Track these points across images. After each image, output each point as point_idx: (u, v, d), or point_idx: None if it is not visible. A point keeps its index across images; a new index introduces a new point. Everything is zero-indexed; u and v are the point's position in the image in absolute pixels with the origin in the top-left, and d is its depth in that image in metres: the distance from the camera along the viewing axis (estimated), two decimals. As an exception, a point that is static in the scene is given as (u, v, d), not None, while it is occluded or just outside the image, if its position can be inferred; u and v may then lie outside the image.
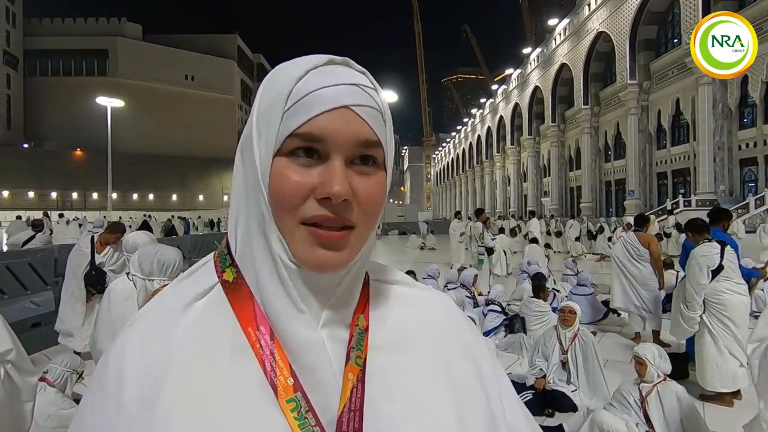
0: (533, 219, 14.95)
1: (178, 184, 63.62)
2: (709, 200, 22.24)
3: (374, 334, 0.44)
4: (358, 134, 0.39)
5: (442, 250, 15.23)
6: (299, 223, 0.39)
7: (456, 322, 0.50)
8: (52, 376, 2.49)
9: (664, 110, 28.14)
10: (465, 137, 69.56)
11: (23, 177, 55.18)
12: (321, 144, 0.39)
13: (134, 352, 0.40)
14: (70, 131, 61.08)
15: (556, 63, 38.91)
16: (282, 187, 0.39)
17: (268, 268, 0.40)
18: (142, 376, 0.39)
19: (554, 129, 40.34)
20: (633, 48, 29.27)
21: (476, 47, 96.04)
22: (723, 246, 3.30)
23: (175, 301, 0.43)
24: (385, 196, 0.43)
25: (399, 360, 0.44)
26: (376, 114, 0.41)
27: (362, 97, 0.40)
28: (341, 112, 0.39)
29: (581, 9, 34.92)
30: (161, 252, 2.01)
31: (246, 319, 0.41)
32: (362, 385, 0.40)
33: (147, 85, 65.35)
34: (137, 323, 0.43)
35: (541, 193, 44.79)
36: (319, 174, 0.38)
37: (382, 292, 0.48)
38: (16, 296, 4.62)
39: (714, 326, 3.27)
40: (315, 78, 0.39)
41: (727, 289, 3.26)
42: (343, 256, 0.40)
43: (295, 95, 0.39)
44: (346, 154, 0.39)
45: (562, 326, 3.41)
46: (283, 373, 0.39)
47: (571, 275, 7.16)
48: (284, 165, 0.39)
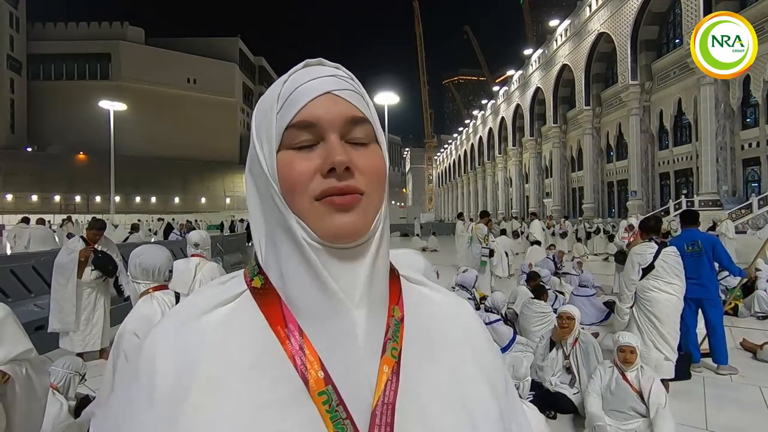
0: (535, 220, 14.90)
1: (181, 186, 63.73)
2: (712, 200, 22.17)
3: (408, 323, 0.45)
4: (345, 112, 0.43)
5: (444, 252, 15.22)
6: (313, 200, 0.41)
7: (473, 328, 0.52)
8: (56, 380, 2.51)
9: (666, 110, 28.06)
10: (466, 139, 69.53)
11: (27, 180, 55.43)
12: (315, 128, 0.42)
13: (165, 348, 0.42)
14: (73, 135, 61.36)
15: (558, 64, 38.88)
16: (290, 173, 0.42)
17: (295, 255, 0.42)
18: (173, 371, 0.40)
19: (556, 130, 40.28)
20: (634, 48, 29.23)
21: (477, 48, 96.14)
22: (661, 247, 3.50)
23: (205, 301, 0.44)
24: (385, 166, 0.46)
25: (428, 355, 0.45)
26: (357, 96, 0.45)
27: (342, 83, 0.44)
28: (327, 97, 0.43)
29: (582, 10, 34.90)
30: (144, 256, 1.95)
31: (274, 319, 0.42)
32: (396, 378, 0.41)
33: (149, 89, 65.61)
34: (167, 320, 0.45)
35: (543, 194, 44.70)
36: (320, 155, 0.42)
37: (410, 289, 0.50)
38: (20, 299, 4.64)
39: (640, 320, 3.53)
40: (297, 77, 0.44)
41: (654, 287, 3.48)
42: (358, 218, 0.42)
43: (284, 96, 0.43)
44: (339, 131, 0.43)
45: (562, 332, 3.41)
46: (313, 366, 0.40)
47: (573, 276, 7.16)
48: (288, 156, 0.42)
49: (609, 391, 2.77)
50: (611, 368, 2.85)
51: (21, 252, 8.29)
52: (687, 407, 3.22)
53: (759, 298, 5.73)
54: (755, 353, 4.22)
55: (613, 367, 2.83)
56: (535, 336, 4.37)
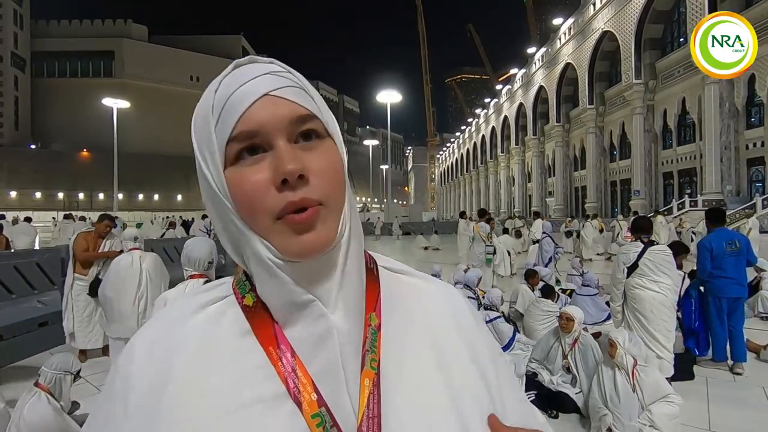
0: (537, 220, 14.84)
1: (183, 184, 63.94)
2: (715, 200, 22.06)
3: (385, 329, 0.44)
4: (288, 114, 0.40)
5: (446, 250, 15.22)
6: (274, 220, 0.39)
7: (458, 310, 0.50)
8: (45, 381, 2.43)
9: (670, 109, 27.95)
10: (469, 137, 69.45)
11: (31, 177, 55.73)
12: (259, 137, 0.39)
13: (141, 354, 0.41)
14: (76, 132, 61.62)
15: (561, 62, 38.76)
16: (243, 191, 0.39)
17: (266, 273, 0.40)
18: (147, 377, 0.40)
19: (559, 129, 40.17)
20: (638, 47, 29.10)
21: (480, 47, 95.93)
22: (647, 246, 3.59)
23: (187, 306, 0.44)
24: (342, 161, 0.43)
25: (408, 354, 0.44)
26: (298, 91, 0.41)
27: (278, 81, 0.41)
28: (265, 100, 0.39)
29: (586, 8, 34.76)
30: (190, 248, 2.28)
31: (267, 339, 0.41)
32: (378, 390, 0.40)
33: (152, 86, 65.83)
34: (148, 325, 0.44)
35: (545, 193, 44.62)
36: (269, 164, 0.39)
37: (390, 282, 0.49)
38: (23, 296, 4.66)
39: (629, 317, 3.62)
40: (229, 83, 0.41)
41: (638, 285, 3.54)
42: (321, 233, 0.39)
43: (218, 106, 0.40)
44: (286, 134, 0.39)
45: (562, 332, 3.41)
46: (306, 389, 0.39)
47: (576, 275, 7.14)
48: (235, 172, 0.39)
49: (612, 389, 2.77)
50: (611, 368, 2.85)
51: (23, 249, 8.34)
52: (690, 407, 3.20)
53: (763, 299, 5.70)
54: (758, 354, 4.21)
55: (614, 367, 2.84)
56: (540, 335, 4.37)
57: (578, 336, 3.34)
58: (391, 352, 0.43)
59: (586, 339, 3.36)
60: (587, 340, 3.34)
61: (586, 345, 3.31)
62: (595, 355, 3.25)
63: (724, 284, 3.98)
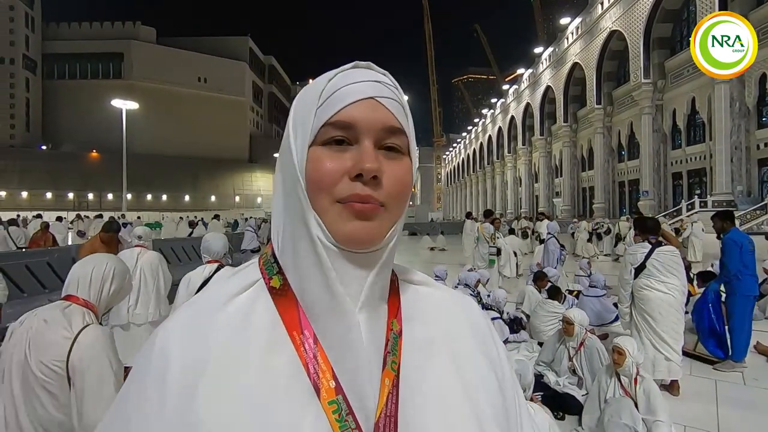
0: (544, 220, 14.76)
1: (191, 184, 64.42)
2: (726, 201, 21.78)
3: (406, 335, 0.46)
4: (384, 120, 0.43)
5: (452, 251, 15.19)
6: (334, 202, 0.42)
7: (474, 319, 0.52)
8: None
9: (679, 109, 27.64)
10: (476, 137, 69.20)
11: (41, 178, 56.45)
12: (351, 131, 0.42)
13: (177, 340, 0.42)
14: (86, 133, 62.33)
15: (569, 62, 38.50)
16: (318, 171, 0.42)
17: (308, 250, 0.42)
18: (184, 364, 0.41)
19: (566, 129, 39.90)
20: (647, 46, 28.79)
21: (487, 47, 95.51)
22: (655, 247, 3.56)
23: (219, 293, 0.45)
24: (411, 181, 0.46)
25: (428, 361, 0.46)
26: (398, 106, 0.45)
27: (386, 91, 0.44)
28: (368, 102, 0.43)
29: (594, 7, 34.50)
30: (209, 242, 2.72)
31: (291, 323, 0.43)
32: (397, 390, 0.42)
33: (161, 88, 66.40)
34: (181, 312, 0.45)
35: (552, 193, 44.34)
36: (351, 157, 0.42)
37: (409, 292, 0.51)
38: (34, 294, 4.74)
39: (637, 318, 3.60)
40: (343, 78, 0.44)
41: (645, 285, 3.53)
42: (374, 227, 0.42)
43: (327, 93, 0.43)
44: (375, 137, 0.43)
45: (565, 335, 3.40)
46: (325, 375, 0.40)
47: (583, 276, 7.10)
48: (319, 152, 0.43)
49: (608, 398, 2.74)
50: (611, 376, 2.82)
51: (36, 248, 8.44)
52: (698, 409, 3.19)
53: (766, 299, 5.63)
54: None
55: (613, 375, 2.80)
56: (546, 336, 4.36)
57: (584, 339, 3.33)
58: (411, 355, 0.45)
59: (592, 342, 3.35)
60: (593, 343, 3.33)
61: (592, 348, 3.29)
62: (601, 358, 3.24)
63: (752, 282, 3.97)
